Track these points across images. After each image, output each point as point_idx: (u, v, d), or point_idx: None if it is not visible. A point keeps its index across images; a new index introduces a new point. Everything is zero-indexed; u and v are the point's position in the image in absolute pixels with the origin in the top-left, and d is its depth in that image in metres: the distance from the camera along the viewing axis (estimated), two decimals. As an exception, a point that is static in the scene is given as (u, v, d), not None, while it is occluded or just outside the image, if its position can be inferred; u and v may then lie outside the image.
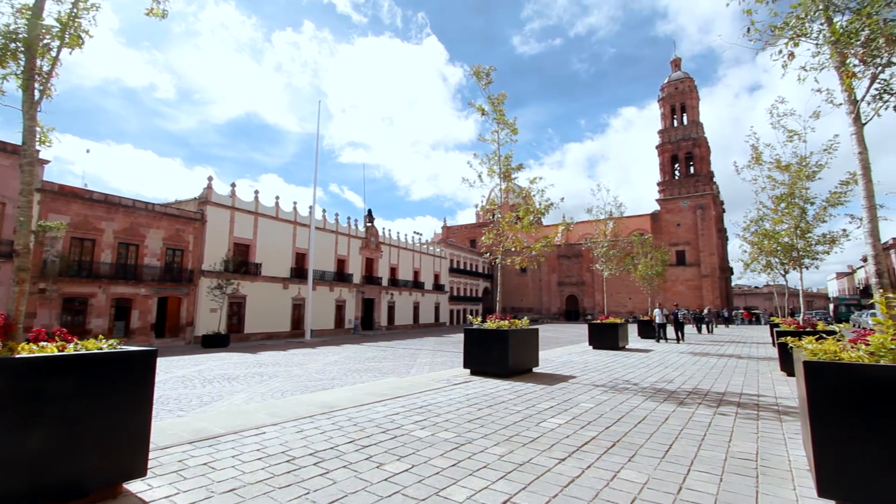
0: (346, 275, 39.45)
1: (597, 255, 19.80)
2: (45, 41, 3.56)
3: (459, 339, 25.22)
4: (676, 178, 59.18)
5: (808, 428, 2.89)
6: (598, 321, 16.21)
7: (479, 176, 10.74)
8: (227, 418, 5.10)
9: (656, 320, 19.57)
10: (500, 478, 3.36)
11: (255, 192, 32.10)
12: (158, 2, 4.35)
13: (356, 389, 7.32)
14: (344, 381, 11.11)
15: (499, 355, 8.43)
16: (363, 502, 2.92)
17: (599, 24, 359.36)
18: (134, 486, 3.09)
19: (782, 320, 12.93)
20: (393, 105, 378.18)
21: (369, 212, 44.02)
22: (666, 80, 62.30)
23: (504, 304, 51.58)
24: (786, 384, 8.19)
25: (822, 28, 4.82)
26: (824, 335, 3.60)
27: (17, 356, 2.58)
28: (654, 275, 23.03)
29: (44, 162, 22.12)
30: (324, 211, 38.15)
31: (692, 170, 58.30)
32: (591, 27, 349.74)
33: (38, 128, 3.51)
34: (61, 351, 2.81)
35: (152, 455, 3.62)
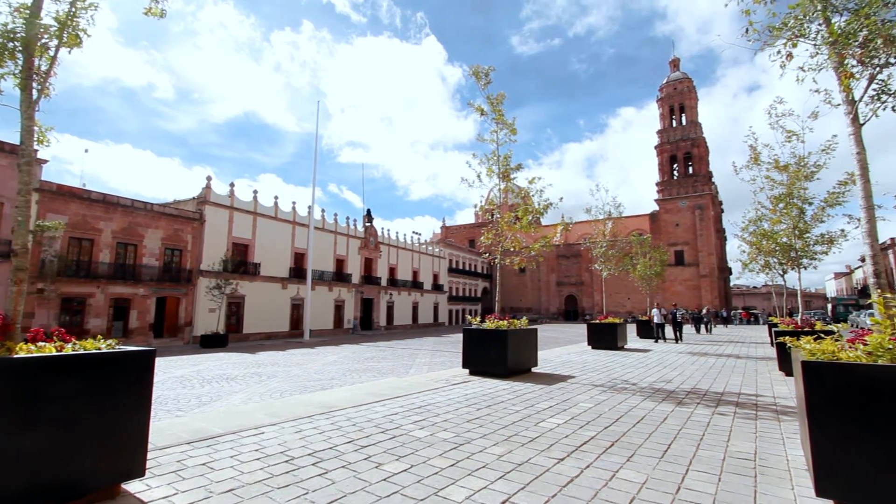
0: (344, 275, 39.43)
1: (595, 255, 19.82)
2: (44, 40, 3.56)
3: (458, 339, 25.22)
4: (675, 178, 59.28)
5: (806, 428, 2.90)
6: (597, 321, 16.23)
7: (478, 176, 10.74)
8: (225, 418, 5.10)
9: (654, 320, 19.60)
10: (499, 478, 3.36)
11: (254, 191, 32.08)
12: (157, 1, 4.35)
13: (355, 389, 7.31)
14: (343, 382, 11.10)
15: (498, 355, 8.43)
16: (362, 502, 2.92)
17: (598, 25, 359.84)
18: (132, 486, 3.08)
19: (781, 320, 12.95)
20: (392, 105, 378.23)
21: (368, 212, 44.03)
22: (665, 81, 62.39)
23: (503, 304, 51.64)
24: (784, 384, 8.21)
25: (821, 29, 4.84)
26: (822, 335, 3.61)
27: (15, 356, 2.57)
28: (653, 275, 23.07)
29: (42, 161, 22.06)
30: (323, 211, 38.15)
31: (691, 170, 58.39)
32: (590, 27, 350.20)
33: (36, 127, 3.50)
34: (59, 351, 2.80)
35: (151, 455, 3.61)
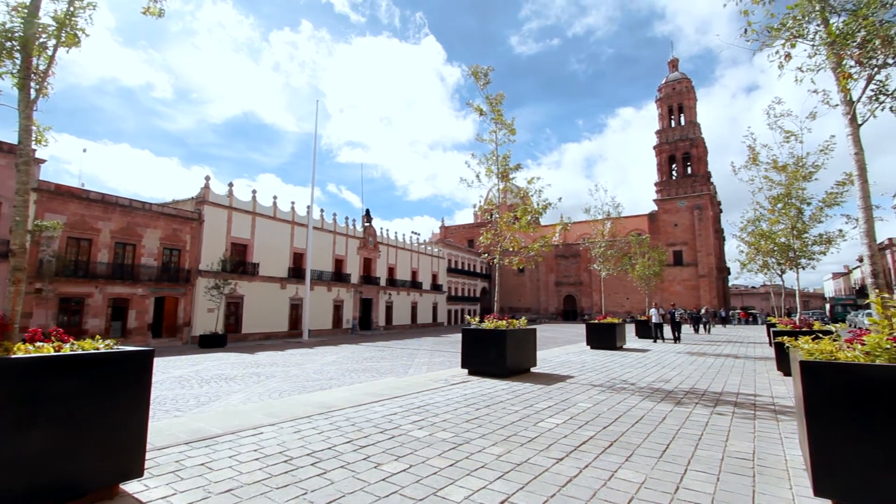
0: (343, 275, 39.41)
1: (594, 255, 19.82)
2: (42, 40, 3.55)
3: (457, 339, 25.22)
4: (674, 178, 59.37)
5: (804, 427, 2.90)
6: (596, 321, 16.23)
7: (477, 176, 10.74)
8: (224, 418, 5.09)
9: (653, 320, 19.63)
10: (498, 478, 3.36)
11: (253, 191, 32.09)
12: (155, 0, 4.34)
13: (354, 389, 7.31)
14: (342, 382, 11.09)
15: (496, 355, 8.43)
16: (361, 502, 2.91)
17: (597, 25, 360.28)
18: (131, 486, 3.08)
19: (779, 320, 12.98)
20: (391, 105, 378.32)
21: (367, 211, 44.02)
22: (663, 81, 62.47)
23: (502, 304, 51.60)
24: (782, 384, 8.22)
25: (819, 29, 4.86)
26: (820, 335, 3.62)
27: (14, 356, 2.57)
28: (652, 275, 23.08)
29: (40, 161, 22.00)
30: (322, 211, 38.22)
31: (689, 170, 58.46)
32: (588, 27, 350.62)
33: (34, 127, 3.49)
34: (58, 351, 2.79)
35: (149, 455, 3.60)
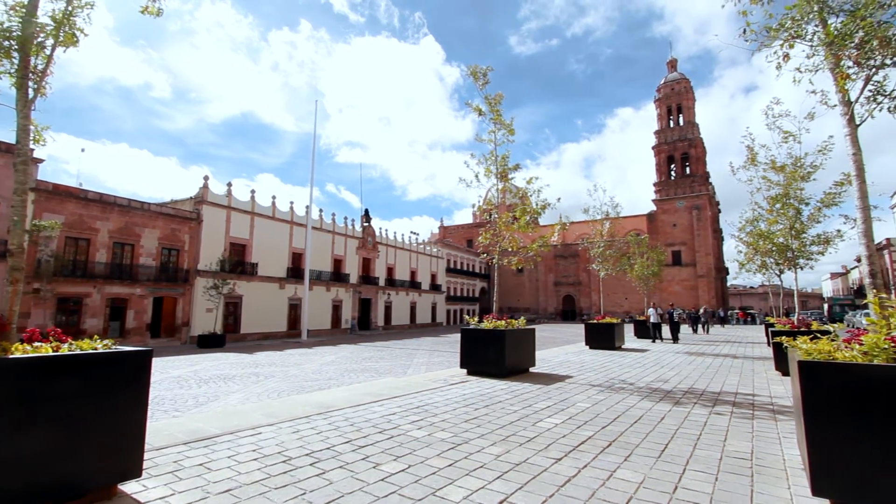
0: (342, 275, 39.38)
1: (593, 255, 19.84)
2: (40, 39, 3.54)
3: (456, 339, 25.24)
4: (672, 178, 59.45)
5: (802, 427, 2.91)
6: (595, 321, 16.24)
7: (476, 176, 10.75)
8: (222, 419, 5.08)
9: (651, 320, 19.65)
10: (497, 478, 3.36)
11: (252, 191, 32.04)
12: (154, 0, 4.34)
13: (353, 389, 7.31)
14: (340, 382, 11.09)
15: (495, 355, 8.43)
16: (360, 502, 2.91)
17: (596, 25, 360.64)
18: (129, 486, 3.07)
19: (777, 320, 13.01)
20: (390, 105, 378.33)
21: (366, 211, 43.99)
22: (662, 81, 62.54)
23: (501, 304, 51.63)
24: (781, 384, 8.24)
25: (817, 30, 4.87)
26: (819, 335, 3.62)
27: (11, 356, 2.56)
28: (651, 275, 23.10)
29: (38, 161, 21.95)
30: (320, 211, 38.08)
31: (688, 170, 58.55)
32: (587, 28, 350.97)
33: (32, 126, 3.49)
34: (56, 351, 2.79)
35: (148, 456, 3.60)
